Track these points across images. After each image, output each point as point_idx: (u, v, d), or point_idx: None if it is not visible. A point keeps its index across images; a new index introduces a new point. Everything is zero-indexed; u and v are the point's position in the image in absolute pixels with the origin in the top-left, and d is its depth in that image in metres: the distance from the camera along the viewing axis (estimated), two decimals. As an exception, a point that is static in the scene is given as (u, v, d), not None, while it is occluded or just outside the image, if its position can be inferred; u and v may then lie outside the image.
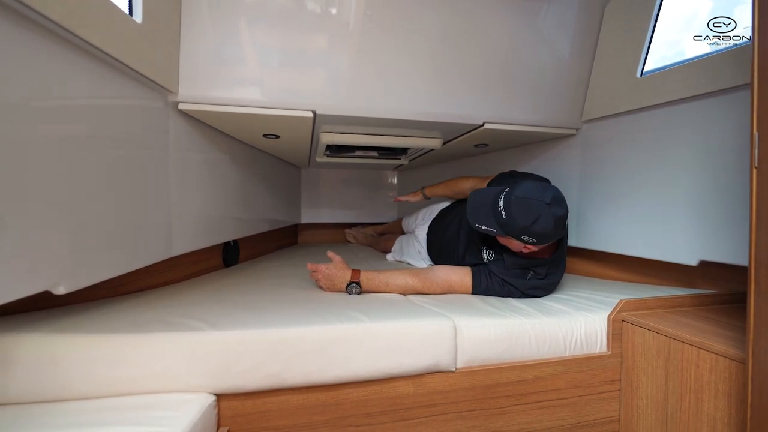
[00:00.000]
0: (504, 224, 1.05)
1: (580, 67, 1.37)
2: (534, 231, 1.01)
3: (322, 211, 2.91)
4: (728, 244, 0.99)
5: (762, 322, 0.61)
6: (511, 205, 1.03)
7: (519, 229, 1.03)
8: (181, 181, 1.10)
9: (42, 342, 0.69)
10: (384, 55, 1.16)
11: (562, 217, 1.03)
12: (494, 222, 1.07)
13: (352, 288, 1.15)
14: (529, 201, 1.01)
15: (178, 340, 0.74)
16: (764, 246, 0.60)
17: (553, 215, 1.00)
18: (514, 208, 1.02)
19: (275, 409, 0.79)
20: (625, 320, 0.98)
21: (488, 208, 1.09)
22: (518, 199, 1.02)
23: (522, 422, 0.93)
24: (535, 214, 1.00)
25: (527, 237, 1.03)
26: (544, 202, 1.00)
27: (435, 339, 0.86)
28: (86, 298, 0.94)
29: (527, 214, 1.01)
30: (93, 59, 0.74)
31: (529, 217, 1.00)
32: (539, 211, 1.00)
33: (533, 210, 1.00)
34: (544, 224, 1.00)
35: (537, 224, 1.00)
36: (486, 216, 1.09)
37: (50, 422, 0.62)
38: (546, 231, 1.01)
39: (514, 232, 1.04)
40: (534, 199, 1.01)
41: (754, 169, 0.61)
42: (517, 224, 1.02)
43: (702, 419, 0.79)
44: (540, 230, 1.01)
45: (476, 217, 1.12)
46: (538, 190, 1.03)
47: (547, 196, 1.01)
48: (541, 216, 1.00)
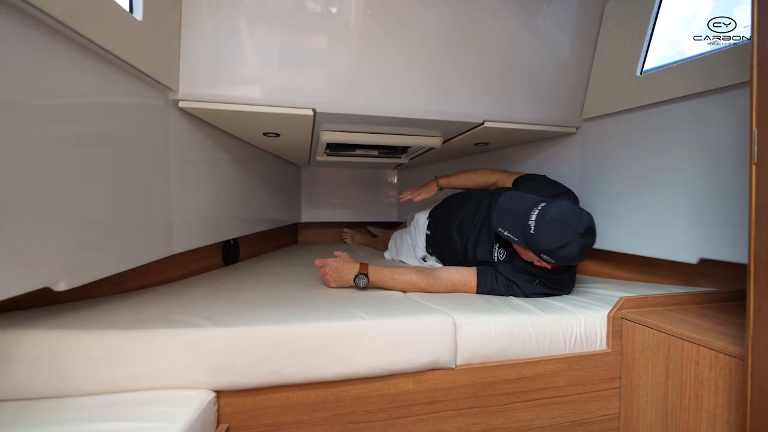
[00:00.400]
0: (529, 238, 1.02)
1: (580, 66, 1.37)
2: (558, 255, 0.99)
3: (323, 210, 2.91)
4: (728, 241, 0.99)
5: (761, 318, 0.61)
6: (544, 224, 0.99)
7: (542, 249, 1.00)
8: (181, 179, 1.10)
9: (42, 338, 0.69)
10: (384, 53, 1.16)
11: (589, 247, 1.01)
12: (519, 232, 1.04)
13: (359, 279, 1.16)
14: (563, 225, 0.98)
15: (179, 336, 0.74)
16: (764, 242, 0.60)
17: (581, 245, 0.97)
18: (545, 228, 0.99)
19: (275, 405, 0.79)
20: (625, 318, 0.98)
21: (518, 216, 1.05)
22: (553, 220, 0.98)
23: (522, 420, 0.93)
24: (565, 240, 0.97)
25: (547, 257, 1.02)
26: (578, 231, 0.97)
27: (435, 336, 0.86)
28: (86, 296, 0.94)
29: (557, 237, 0.98)
30: (93, 57, 0.75)
31: (558, 241, 0.98)
32: (570, 238, 0.97)
33: (564, 235, 0.97)
34: (570, 251, 0.98)
35: (563, 249, 0.98)
36: (512, 223, 1.06)
37: (51, 418, 0.62)
38: (569, 257, 0.99)
39: (536, 250, 1.02)
40: (569, 225, 0.97)
41: (754, 165, 0.61)
42: (543, 244, 0.99)
43: (702, 416, 0.79)
44: (564, 255, 0.99)
45: (502, 221, 1.09)
46: (575, 217, 0.99)
47: (581, 225, 0.97)
48: (571, 243, 0.97)
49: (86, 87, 0.74)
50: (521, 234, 1.04)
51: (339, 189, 2.95)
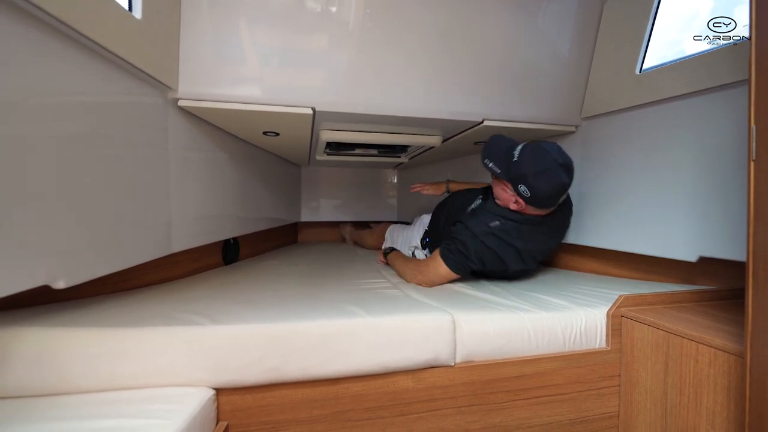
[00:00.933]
0: (512, 166, 1.08)
1: (580, 64, 1.37)
2: (533, 182, 1.04)
3: (322, 209, 2.91)
4: (728, 239, 0.99)
5: (760, 314, 0.61)
6: (527, 150, 1.07)
7: (521, 175, 1.06)
8: (181, 178, 1.10)
9: (42, 336, 0.69)
10: (383, 52, 1.16)
11: (565, 185, 1.06)
12: (503, 162, 1.10)
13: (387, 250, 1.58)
14: (545, 153, 1.05)
15: (178, 334, 0.74)
16: (762, 239, 0.60)
17: (558, 177, 1.03)
18: (527, 153, 1.06)
19: (274, 403, 0.79)
20: (624, 316, 0.98)
21: (504, 149, 1.12)
22: (536, 147, 1.06)
23: (521, 417, 0.93)
24: (544, 166, 1.03)
25: (523, 186, 1.06)
26: (557, 161, 1.03)
27: (434, 333, 0.86)
28: (86, 294, 0.94)
29: (537, 162, 1.04)
30: (92, 55, 0.75)
31: (537, 166, 1.04)
32: (549, 165, 1.03)
33: (544, 161, 1.03)
34: (547, 179, 1.03)
35: (540, 176, 1.03)
36: (498, 155, 1.13)
37: (50, 415, 0.62)
38: (543, 187, 1.04)
39: (515, 176, 1.07)
40: (550, 154, 1.04)
41: (752, 162, 0.61)
42: (523, 168, 1.05)
43: (701, 413, 0.79)
44: (539, 184, 1.04)
45: (488, 153, 1.16)
46: (557, 150, 1.07)
47: (561, 158, 1.05)
48: (549, 170, 1.03)
49: (85, 86, 0.74)
50: (504, 163, 1.10)
51: (339, 188, 2.95)
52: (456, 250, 1.20)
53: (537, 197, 1.08)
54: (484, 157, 1.17)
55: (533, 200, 1.09)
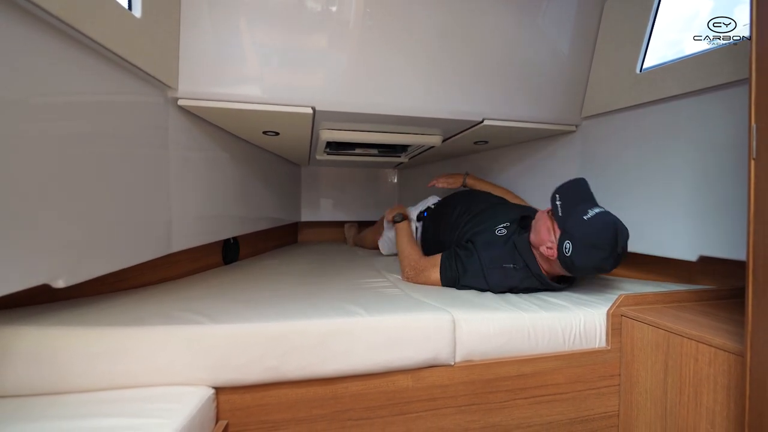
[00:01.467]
0: (577, 220, 1.01)
1: (580, 64, 1.37)
2: (581, 250, 0.99)
3: (323, 209, 2.91)
4: (728, 238, 0.99)
5: (760, 313, 0.61)
6: (602, 219, 0.99)
7: (577, 236, 1.00)
8: (181, 177, 1.10)
9: (41, 335, 0.69)
10: (383, 51, 1.16)
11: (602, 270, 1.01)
12: (571, 210, 1.04)
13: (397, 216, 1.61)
14: (613, 234, 0.98)
15: (178, 333, 0.74)
16: (762, 237, 0.60)
17: (604, 261, 0.98)
18: (600, 222, 0.99)
19: (274, 402, 0.79)
20: (624, 315, 0.98)
21: (581, 198, 1.06)
22: (611, 225, 0.98)
23: (521, 417, 0.93)
24: (602, 244, 0.98)
25: (569, 245, 1.01)
26: (617, 250, 0.98)
27: (434, 333, 0.86)
28: (86, 294, 0.94)
29: (600, 237, 0.98)
30: (92, 54, 0.75)
31: (597, 240, 0.98)
32: (606, 247, 0.97)
33: (606, 241, 0.97)
34: (594, 256, 0.98)
35: (591, 250, 0.98)
36: (571, 200, 1.05)
37: (50, 414, 0.62)
38: (585, 260, 1.00)
39: (571, 232, 1.01)
40: (617, 239, 0.98)
41: (752, 161, 0.61)
42: (584, 231, 0.99)
43: (701, 413, 0.79)
44: (585, 255, 0.99)
45: (564, 192, 1.08)
46: (625, 243, 1.01)
47: (621, 248, 0.99)
48: (602, 251, 0.98)
49: (85, 85, 0.74)
50: (571, 211, 1.03)
51: (339, 188, 2.95)
52: (454, 268, 1.21)
53: (572, 263, 1.02)
54: (557, 192, 1.09)
55: (566, 261, 1.03)
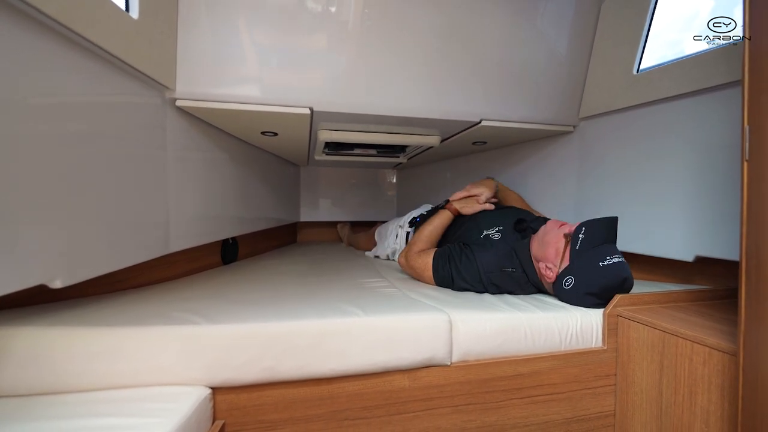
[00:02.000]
0: (587, 260, 0.99)
1: (577, 64, 1.37)
2: (578, 290, 1.00)
3: (322, 209, 2.92)
4: (724, 239, 1.00)
5: (752, 313, 0.61)
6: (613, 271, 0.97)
7: (582, 277, 1.00)
8: (179, 178, 1.11)
9: (38, 335, 0.69)
10: (382, 52, 1.17)
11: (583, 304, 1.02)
12: (591, 248, 1.00)
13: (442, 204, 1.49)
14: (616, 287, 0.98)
15: (175, 333, 0.75)
16: (755, 238, 0.61)
17: (591, 303, 1.01)
18: (609, 275, 0.98)
19: (271, 402, 0.79)
20: (620, 315, 0.98)
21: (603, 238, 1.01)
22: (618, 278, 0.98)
23: (517, 416, 0.93)
24: (601, 292, 0.99)
25: (571, 279, 1.01)
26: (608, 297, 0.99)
27: (430, 333, 0.87)
28: (83, 294, 0.94)
29: (602, 286, 0.98)
30: (90, 56, 0.75)
31: (596, 288, 0.99)
32: (603, 295, 0.99)
33: (604, 291, 0.99)
34: (586, 298, 1.00)
35: (587, 293, 1.00)
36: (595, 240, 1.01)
37: (47, 414, 0.62)
38: (575, 297, 1.01)
39: (578, 269, 1.01)
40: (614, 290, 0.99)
41: (745, 162, 0.61)
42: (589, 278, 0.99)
43: (696, 412, 0.79)
44: (579, 294, 1.01)
45: (592, 229, 1.02)
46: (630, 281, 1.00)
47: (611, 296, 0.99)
48: (595, 297, 1.00)
49: (83, 86, 0.74)
50: (589, 251, 1.00)
51: (338, 189, 2.95)
52: (447, 269, 1.20)
53: (565, 293, 1.03)
54: (584, 225, 1.03)
55: (560, 290, 1.05)
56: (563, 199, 1.51)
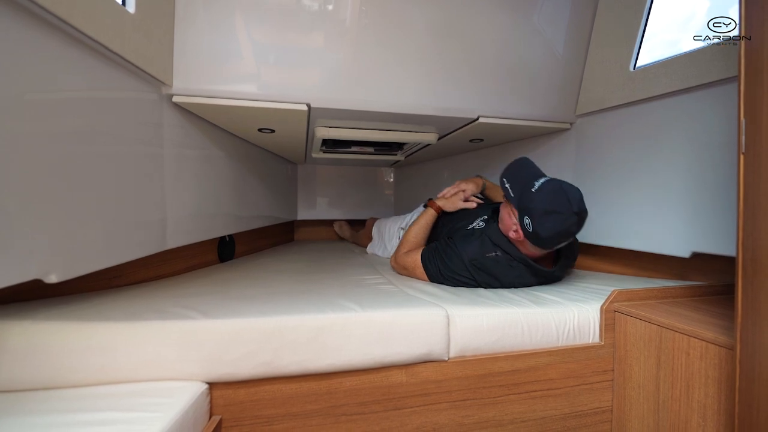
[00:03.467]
0: (526, 195, 1.05)
1: (574, 61, 1.37)
2: (540, 219, 1.02)
3: (319, 207, 2.91)
4: (721, 235, 1.00)
5: (748, 306, 0.62)
6: (548, 185, 1.03)
7: (530, 208, 1.03)
8: (176, 174, 1.10)
9: (34, 330, 0.69)
10: (379, 48, 1.17)
11: (569, 234, 1.03)
12: (520, 188, 1.08)
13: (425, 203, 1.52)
14: (564, 195, 1.01)
15: (171, 328, 0.74)
16: (751, 231, 0.61)
17: (566, 224, 1.00)
18: (547, 189, 1.03)
19: (268, 397, 0.79)
20: (617, 311, 0.98)
21: (526, 176, 1.09)
22: (559, 187, 1.03)
23: (515, 412, 0.93)
24: (558, 208, 1.00)
25: (528, 220, 1.04)
26: (572, 209, 1.00)
27: (428, 328, 0.87)
28: (79, 290, 0.94)
29: (552, 201, 1.01)
30: (86, 50, 0.74)
31: (549, 205, 1.01)
32: (563, 210, 1.00)
33: (559, 204, 1.00)
34: (554, 222, 1.00)
35: (549, 217, 1.00)
36: (518, 179, 1.09)
37: (42, 409, 0.62)
38: (548, 228, 1.01)
39: (526, 207, 1.04)
40: (569, 198, 1.00)
41: (741, 155, 0.61)
42: (536, 203, 1.02)
43: (692, 406, 0.79)
44: (545, 223, 1.01)
45: (509, 174, 1.13)
46: (578, 199, 1.02)
47: (578, 206, 1.00)
48: (560, 214, 1.00)
49: (79, 81, 0.74)
50: (520, 189, 1.07)
51: (336, 186, 2.95)
52: (435, 263, 1.22)
53: (537, 235, 1.04)
54: (503, 176, 1.13)
55: (532, 236, 1.05)
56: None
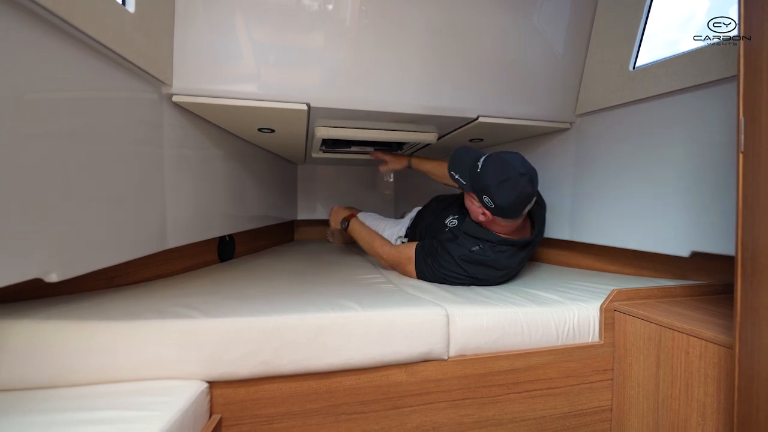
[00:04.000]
0: (475, 177, 1.09)
1: (574, 61, 1.37)
2: (495, 192, 1.05)
3: (319, 208, 2.91)
4: (720, 234, 1.00)
5: (748, 304, 0.62)
6: (489, 160, 1.07)
7: (484, 186, 1.06)
8: (176, 174, 1.10)
9: (34, 329, 0.69)
10: (379, 48, 1.17)
11: (527, 195, 1.05)
12: (468, 174, 1.11)
13: (343, 222, 1.51)
14: (505, 163, 1.05)
15: (171, 327, 0.74)
16: (750, 229, 0.61)
17: (519, 187, 1.03)
18: (490, 164, 1.06)
19: (268, 396, 0.79)
20: (617, 310, 0.98)
21: (469, 161, 1.12)
22: (498, 158, 1.07)
23: (515, 411, 0.93)
24: (505, 176, 1.03)
25: (487, 197, 1.07)
26: (518, 170, 1.03)
27: (427, 327, 0.87)
28: (79, 290, 0.94)
29: (498, 173, 1.04)
30: (86, 49, 0.74)
31: (498, 177, 1.04)
32: (510, 175, 1.03)
33: (505, 171, 1.03)
34: (509, 189, 1.03)
35: (502, 186, 1.03)
36: (463, 167, 1.13)
37: (42, 408, 0.62)
38: (505, 197, 1.04)
39: (479, 187, 1.08)
40: (511, 163, 1.05)
41: (741, 154, 0.62)
42: (485, 179, 1.06)
43: (692, 405, 0.80)
44: (501, 193, 1.04)
45: (454, 165, 1.17)
46: (519, 160, 1.07)
47: (523, 167, 1.04)
48: (509, 180, 1.03)
49: (79, 80, 0.74)
50: (469, 175, 1.11)
51: (335, 187, 2.95)
52: (429, 264, 1.22)
53: (501, 207, 1.07)
54: (450, 169, 1.18)
55: (498, 210, 1.09)
56: (559, 197, 1.52)
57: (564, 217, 1.48)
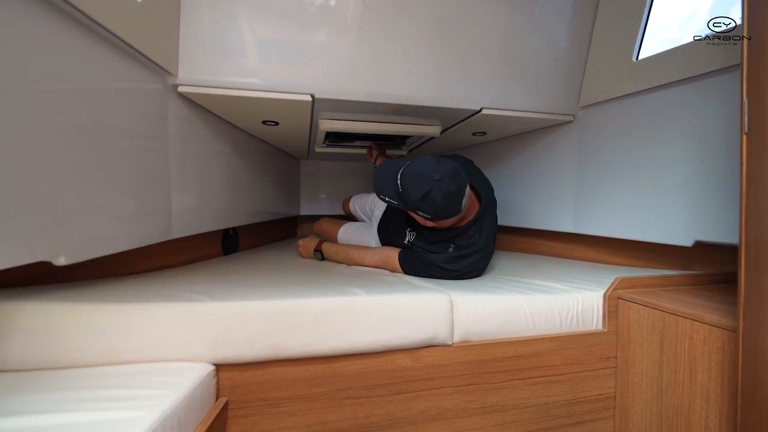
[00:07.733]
0: (401, 197, 1.07)
1: (577, 53, 1.37)
2: (426, 206, 1.04)
3: (322, 203, 2.92)
4: (723, 223, 1.00)
5: (752, 285, 0.62)
6: (405, 179, 1.05)
7: (412, 203, 1.05)
8: (181, 165, 1.11)
9: (44, 310, 0.70)
10: (383, 40, 1.17)
11: (454, 193, 1.03)
12: (395, 194, 1.09)
13: (316, 254, 1.49)
14: (420, 176, 1.03)
15: (178, 310, 0.75)
16: (754, 211, 0.61)
17: (443, 191, 1.02)
18: (407, 182, 1.05)
19: (274, 380, 0.80)
20: (621, 297, 0.99)
21: (391, 179, 1.10)
22: (411, 174, 1.05)
23: (518, 397, 0.94)
24: (425, 189, 1.02)
25: (421, 212, 1.06)
26: (434, 178, 1.02)
27: (432, 312, 0.87)
28: (88, 277, 0.95)
29: (417, 188, 1.03)
30: (94, 36, 0.75)
31: (419, 192, 1.03)
32: (428, 186, 1.02)
33: (423, 184, 1.02)
34: (434, 199, 1.02)
35: (427, 199, 1.02)
36: (388, 189, 1.11)
37: (53, 386, 0.63)
38: (435, 207, 1.03)
39: (410, 206, 1.07)
40: (425, 174, 1.03)
41: (744, 135, 0.62)
42: (411, 198, 1.04)
43: (696, 390, 0.80)
44: (430, 204, 1.03)
45: (379, 189, 1.14)
46: (431, 166, 1.04)
47: (437, 172, 1.02)
48: (431, 191, 1.02)
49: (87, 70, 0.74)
50: (396, 196, 1.09)
51: (338, 182, 2.96)
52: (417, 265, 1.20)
53: (438, 214, 1.06)
54: (380, 196, 1.15)
55: (437, 217, 1.08)
56: (563, 189, 1.52)
57: (567, 209, 1.49)
